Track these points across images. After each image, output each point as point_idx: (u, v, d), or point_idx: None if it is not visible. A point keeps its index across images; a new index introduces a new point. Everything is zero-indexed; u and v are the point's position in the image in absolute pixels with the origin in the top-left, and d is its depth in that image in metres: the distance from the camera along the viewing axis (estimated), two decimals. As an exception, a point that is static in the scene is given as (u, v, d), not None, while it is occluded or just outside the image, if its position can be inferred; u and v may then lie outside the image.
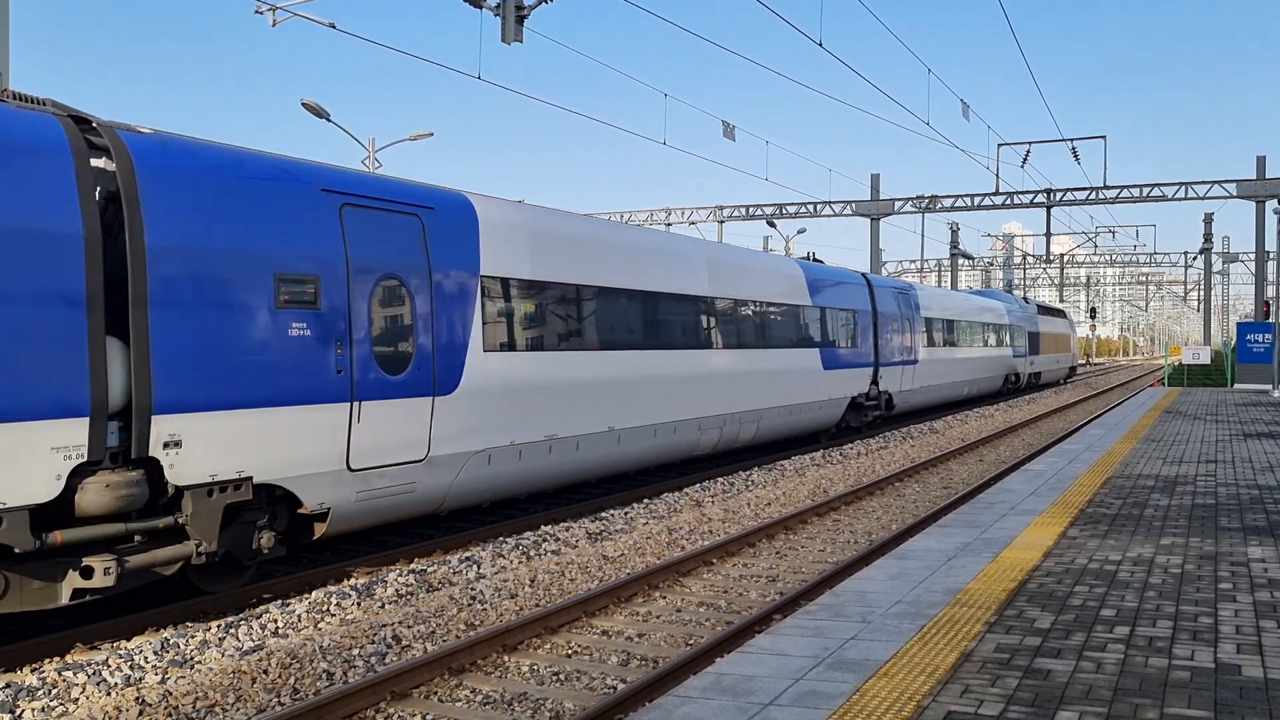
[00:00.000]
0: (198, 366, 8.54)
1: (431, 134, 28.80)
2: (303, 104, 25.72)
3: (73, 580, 7.83)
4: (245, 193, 9.15)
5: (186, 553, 8.53)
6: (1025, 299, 47.31)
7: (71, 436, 7.66)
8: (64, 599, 7.80)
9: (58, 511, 7.69)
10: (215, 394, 8.67)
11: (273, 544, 9.37)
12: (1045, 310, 48.98)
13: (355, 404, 9.95)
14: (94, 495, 7.80)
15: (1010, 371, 39.91)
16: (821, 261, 24.91)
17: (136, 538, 8.30)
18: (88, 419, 7.75)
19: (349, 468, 9.93)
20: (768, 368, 18.87)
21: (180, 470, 8.41)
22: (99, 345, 7.82)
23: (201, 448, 8.55)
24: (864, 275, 25.45)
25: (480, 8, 14.94)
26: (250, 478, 8.99)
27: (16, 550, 7.42)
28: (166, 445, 8.29)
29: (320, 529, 9.96)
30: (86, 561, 7.82)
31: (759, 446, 21.02)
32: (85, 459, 7.74)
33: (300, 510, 9.76)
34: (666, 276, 15.74)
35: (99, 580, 7.80)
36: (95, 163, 8.16)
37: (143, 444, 8.14)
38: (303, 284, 9.47)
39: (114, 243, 8.15)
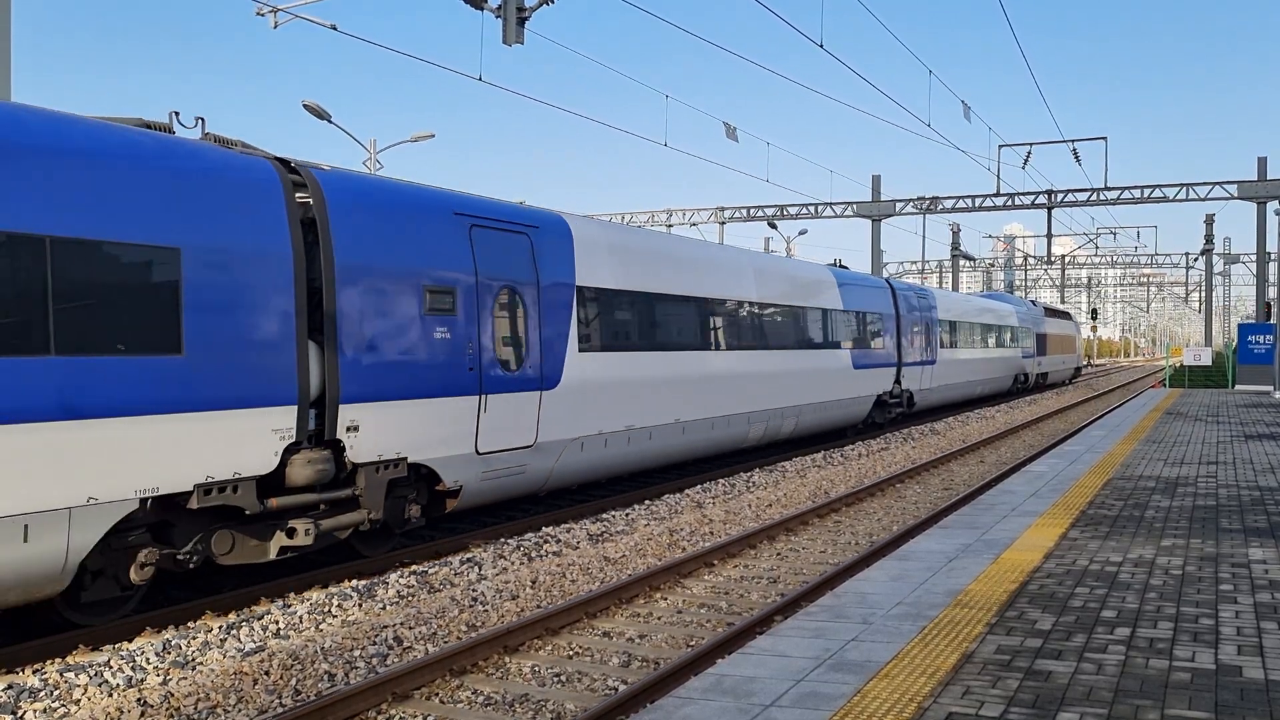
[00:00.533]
0: (369, 364, 10.22)
1: (433, 135, 28.83)
2: (304, 105, 25.75)
3: (279, 539, 9.52)
4: (401, 218, 10.85)
5: (360, 519, 10.17)
6: (1033, 301, 49.16)
7: (285, 421, 9.35)
8: (272, 554, 9.49)
9: (272, 482, 9.37)
10: (381, 387, 10.36)
11: (419, 514, 11.09)
12: (1051, 312, 50.35)
13: (483, 396, 11.70)
14: (298, 469, 9.46)
15: (1020, 372, 41.67)
16: (847, 268, 26.47)
17: (321, 506, 9.89)
18: (295, 407, 9.44)
19: (477, 451, 11.66)
20: (806, 367, 20.63)
21: (357, 450, 10.11)
22: (304, 347, 9.53)
23: (372, 432, 10.25)
24: (888, 281, 27.21)
25: (481, 9, 14.95)
26: (405, 458, 10.69)
27: (246, 512, 9.11)
28: (348, 430, 10.01)
29: (452, 503, 11.58)
30: (291, 524, 9.51)
31: (796, 440, 22.76)
32: (293, 439, 9.44)
33: (438, 487, 11.35)
34: (722, 284, 17.54)
35: (300, 540, 9.49)
36: (298, 196, 9.94)
37: (332, 428, 9.84)
38: (444, 294, 11.19)
39: (310, 263, 9.86)
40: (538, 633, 8.48)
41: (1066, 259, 77.57)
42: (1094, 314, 78.46)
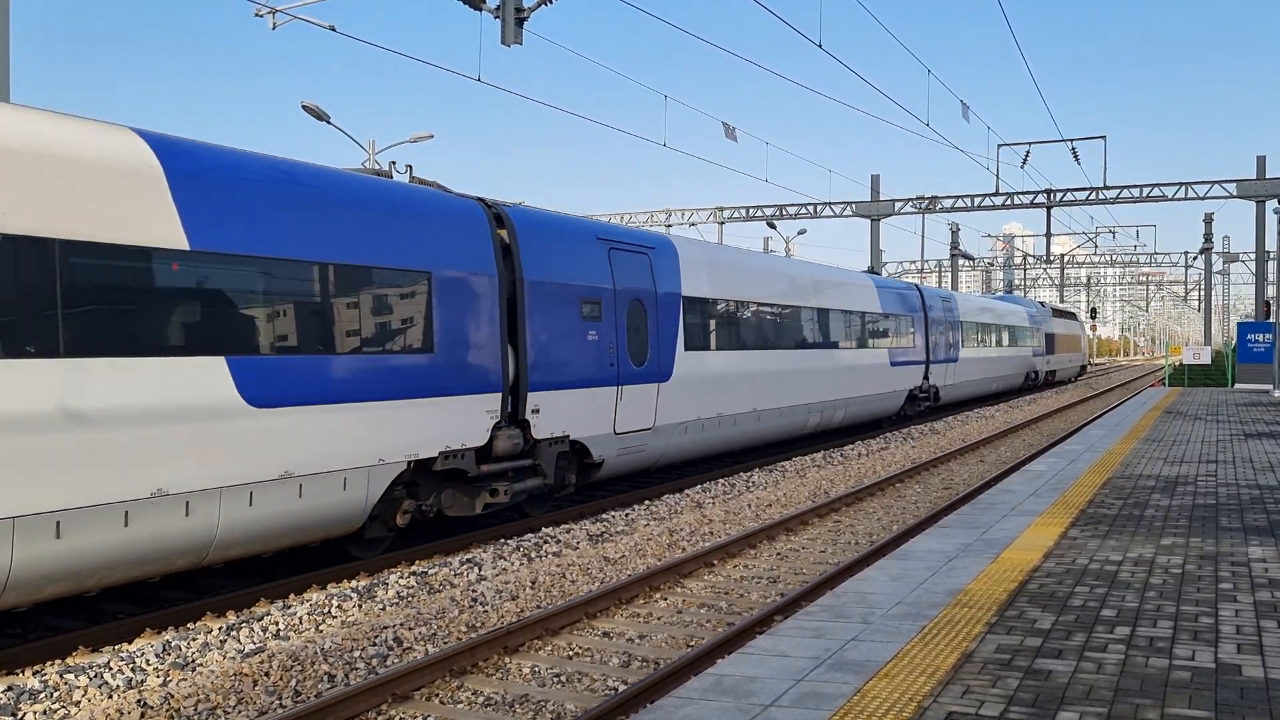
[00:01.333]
0: (546, 361, 12.87)
1: (432, 136, 28.81)
2: (303, 106, 25.74)
3: (484, 498, 12.03)
4: (564, 244, 13.54)
5: (540, 484, 12.90)
6: (1041, 303, 51.28)
7: (493, 405, 11.99)
8: (478, 509, 12.01)
9: (483, 452, 11.93)
10: (554, 379, 13.02)
11: (574, 481, 13.86)
12: (1059, 313, 52.99)
13: (619, 387, 14.43)
14: (501, 442, 12.06)
15: (1031, 369, 44.13)
16: (878, 273, 31.12)
17: (510, 473, 12.40)
18: (500, 394, 12.10)
19: (614, 431, 14.38)
20: (855, 364, 23.50)
21: (538, 429, 12.77)
22: (504, 347, 12.18)
23: (548, 415, 12.91)
24: (916, 285, 29.89)
25: (480, 10, 14.95)
26: (567, 435, 13.36)
27: (468, 475, 11.72)
28: (532, 412, 12.64)
29: (595, 474, 14.29)
30: (494, 485, 12.14)
31: (842, 429, 25.23)
32: (498, 419, 12.09)
33: (587, 460, 13.98)
34: (789, 292, 20.35)
35: (500, 499, 12.13)
36: (499, 231, 12.57)
37: (522, 411, 12.52)
38: (594, 304, 13.90)
39: (505, 281, 12.37)
40: (538, 633, 8.48)
41: (1066, 258, 77.57)
42: (1093, 313, 78.52)
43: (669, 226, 47.31)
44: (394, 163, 12.27)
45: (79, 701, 6.96)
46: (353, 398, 10.10)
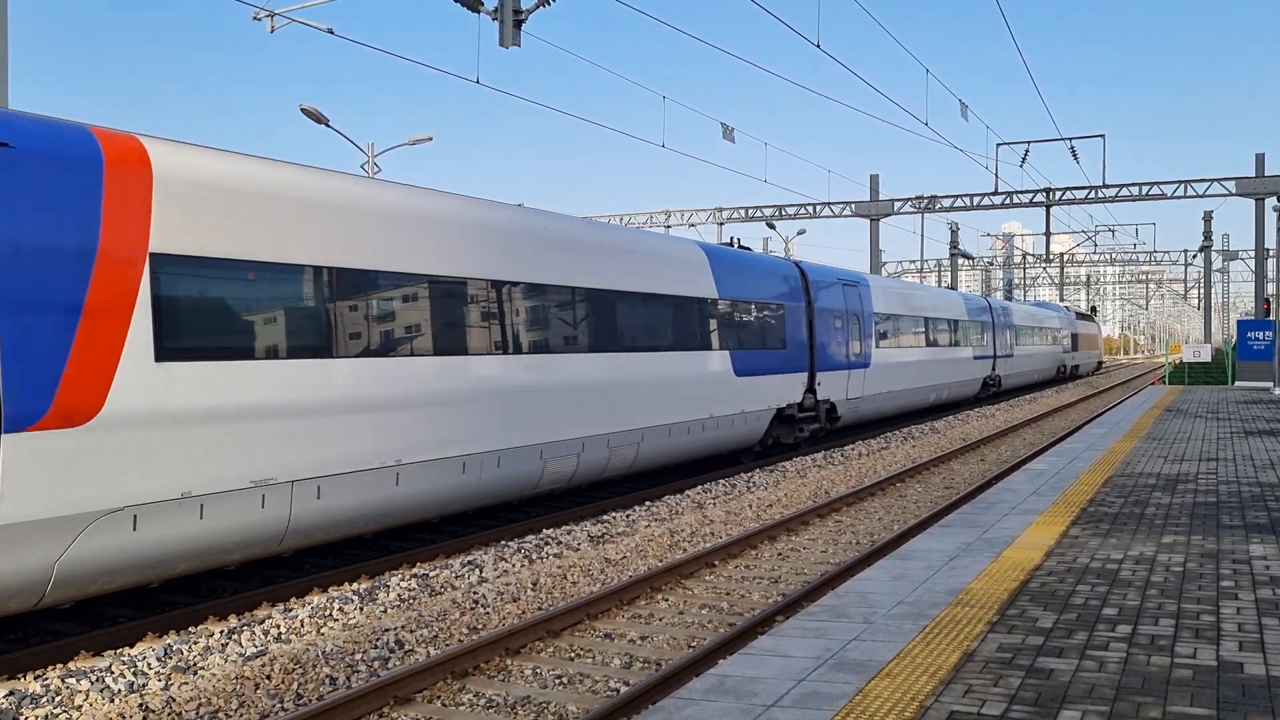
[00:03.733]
0: (824, 355, 21.50)
1: (431, 138, 28.81)
2: (302, 109, 25.74)
3: (795, 431, 20.56)
4: (832, 285, 22.78)
5: (819, 426, 21.47)
6: (1066, 308, 60.73)
7: (804, 380, 20.62)
8: (791, 439, 20.50)
9: (797, 407, 20.43)
10: (824, 365, 21.52)
11: (828, 426, 22.17)
12: (1081, 317, 63.35)
13: (851, 371, 23.09)
14: (805, 400, 20.63)
15: (1062, 363, 53.92)
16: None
17: (802, 420, 20.84)
18: (806, 373, 20.71)
19: (846, 397, 22.85)
20: (952, 358, 31.79)
21: (822, 394, 21.46)
22: (811, 344, 20.96)
23: (825, 387, 21.56)
24: (987, 300, 37.88)
25: (478, 12, 14.95)
26: (829, 399, 21.97)
27: (794, 417, 20.42)
28: (819, 385, 21.27)
29: (837, 423, 22.75)
30: (801, 425, 20.77)
31: (945, 405, 33.56)
32: (806, 387, 20.70)
33: (833, 415, 22.26)
34: (927, 309, 29.67)
35: (803, 434, 20.93)
36: (803, 279, 21.75)
37: (813, 384, 21.06)
38: (845, 319, 22.91)
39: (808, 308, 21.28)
40: (539, 634, 8.48)
41: (1065, 257, 77.55)
42: (1093, 311, 78.59)
43: (668, 227, 47.30)
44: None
45: (80, 706, 6.96)
46: (755, 373, 18.30)
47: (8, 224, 7.47)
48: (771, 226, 47.79)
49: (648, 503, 14.78)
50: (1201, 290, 69.07)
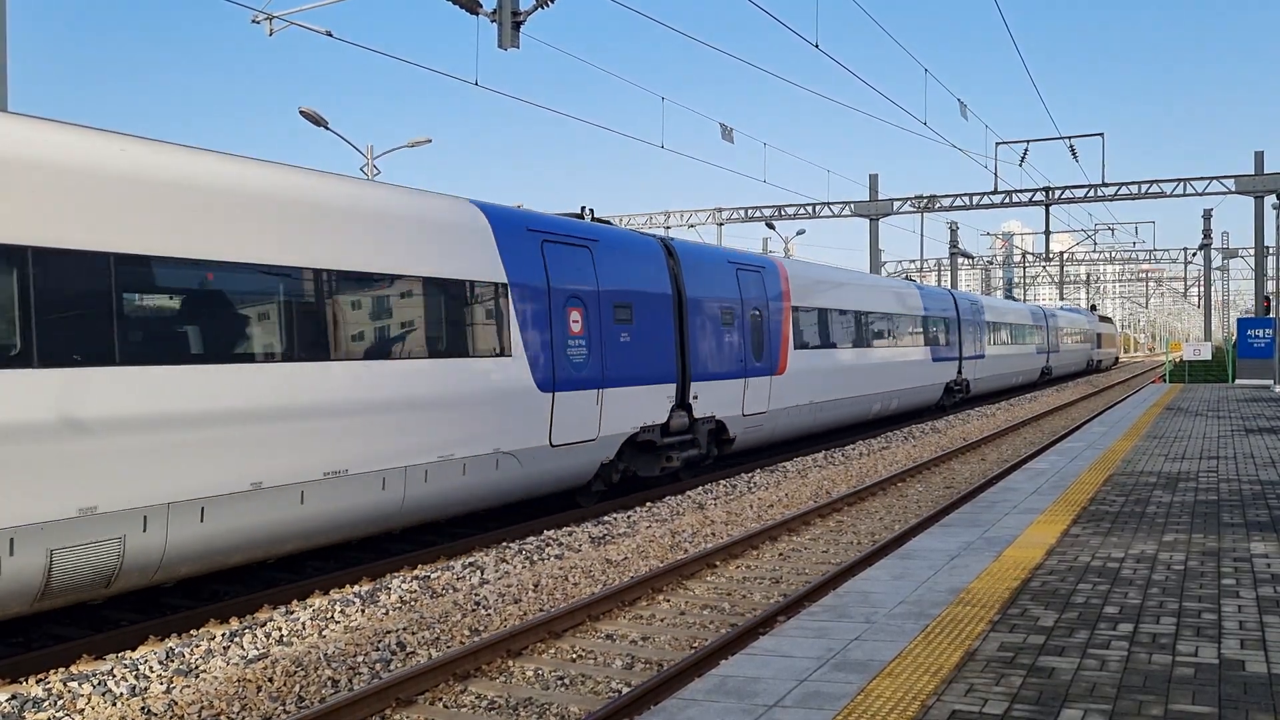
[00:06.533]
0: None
1: (430, 140, 28.82)
2: (301, 112, 25.75)
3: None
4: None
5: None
6: (1092, 308, 70.80)
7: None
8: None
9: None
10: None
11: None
12: (1103, 319, 72.45)
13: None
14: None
15: (1090, 358, 62.43)
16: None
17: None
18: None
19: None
20: (1021, 352, 38.44)
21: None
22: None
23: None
24: (1043, 308, 45.77)
25: (476, 14, 14.95)
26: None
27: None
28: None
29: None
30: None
31: (988, 395, 36.13)
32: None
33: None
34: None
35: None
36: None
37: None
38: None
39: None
40: (540, 636, 8.48)
41: (1065, 256, 77.51)
42: (1092, 309, 78.57)
43: (668, 228, 47.30)
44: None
45: (83, 709, 6.96)
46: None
47: None
48: (771, 227, 47.80)
49: (649, 503, 14.78)
50: (1201, 288, 69.11)
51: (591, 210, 16.02)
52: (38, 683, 7.43)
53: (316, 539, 10.02)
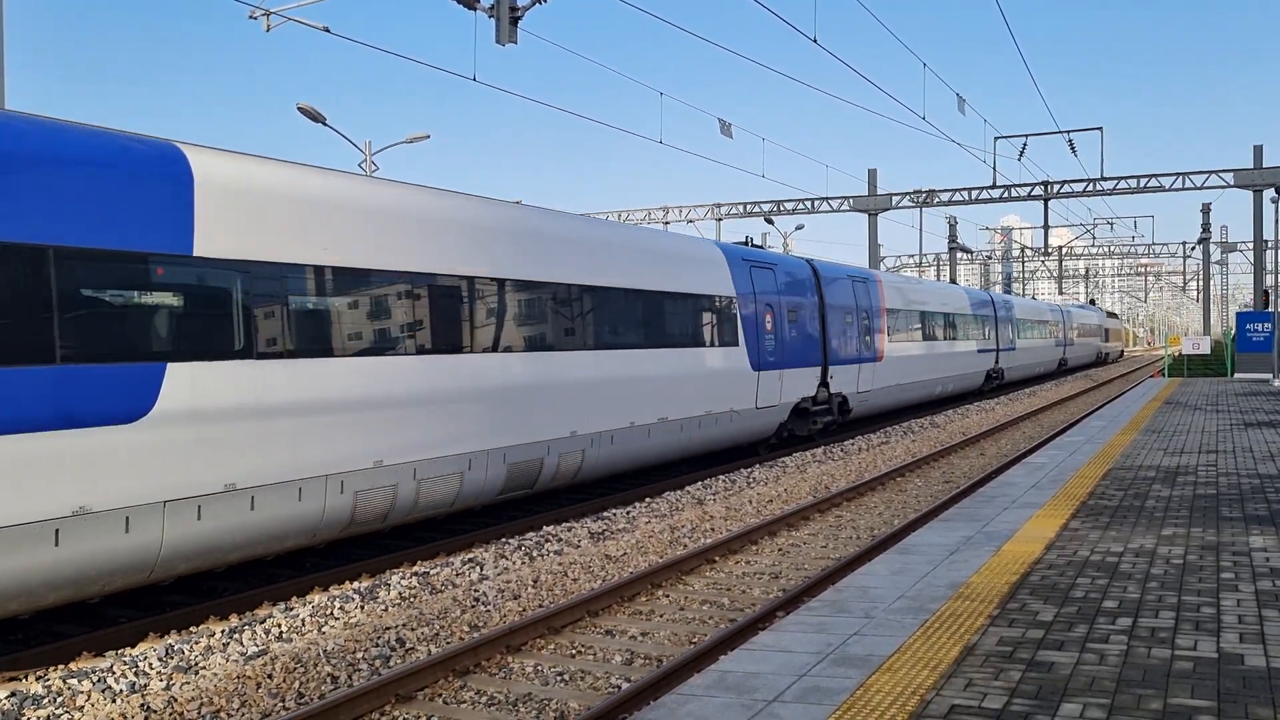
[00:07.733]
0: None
1: (428, 136, 28.78)
2: (299, 108, 25.72)
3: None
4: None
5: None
6: (1091, 302, 78.01)
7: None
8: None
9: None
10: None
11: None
12: (1110, 315, 78.02)
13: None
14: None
15: (1099, 351, 68.08)
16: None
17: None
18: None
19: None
20: (1034, 345, 44.23)
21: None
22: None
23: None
24: (1059, 306, 49.94)
25: (474, 9, 14.93)
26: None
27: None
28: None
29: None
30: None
31: (1016, 383, 41.68)
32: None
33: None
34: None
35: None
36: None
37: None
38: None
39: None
40: (540, 632, 8.48)
41: (1064, 250, 77.50)
42: (1091, 304, 78.92)
43: (667, 224, 47.29)
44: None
45: (82, 706, 6.96)
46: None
47: None
48: (770, 222, 47.77)
49: (648, 499, 14.78)
50: (1200, 282, 69.03)
51: (751, 239, 22.86)
52: (38, 680, 7.43)
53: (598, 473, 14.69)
